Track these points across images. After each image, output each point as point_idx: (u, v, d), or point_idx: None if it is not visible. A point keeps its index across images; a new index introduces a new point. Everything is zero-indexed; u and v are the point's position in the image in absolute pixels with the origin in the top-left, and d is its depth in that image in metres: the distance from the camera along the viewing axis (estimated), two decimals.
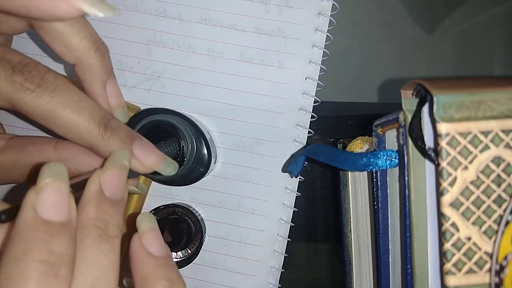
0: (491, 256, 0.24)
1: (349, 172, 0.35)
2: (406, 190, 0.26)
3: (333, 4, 0.37)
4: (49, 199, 0.20)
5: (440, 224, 0.24)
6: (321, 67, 0.38)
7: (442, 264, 0.24)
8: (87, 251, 0.21)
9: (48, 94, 0.25)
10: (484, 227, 0.23)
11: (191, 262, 0.36)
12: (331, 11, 0.37)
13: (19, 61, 0.25)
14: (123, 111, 0.30)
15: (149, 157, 0.28)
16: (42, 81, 0.25)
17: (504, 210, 0.24)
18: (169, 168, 0.30)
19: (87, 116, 0.26)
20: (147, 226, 0.24)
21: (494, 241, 0.24)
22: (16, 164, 0.28)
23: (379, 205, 0.29)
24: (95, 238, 0.22)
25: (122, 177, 0.25)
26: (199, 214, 0.38)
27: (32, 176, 0.29)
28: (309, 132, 0.38)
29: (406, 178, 0.26)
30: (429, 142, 0.24)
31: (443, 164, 0.23)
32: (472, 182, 0.23)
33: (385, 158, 0.27)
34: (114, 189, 0.24)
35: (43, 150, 0.29)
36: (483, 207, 0.23)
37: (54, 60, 0.37)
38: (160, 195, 0.38)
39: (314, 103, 0.38)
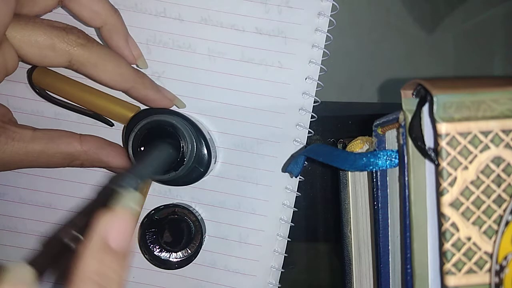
0: (491, 256, 0.23)
1: (349, 172, 0.35)
2: (406, 190, 0.25)
3: (333, 4, 0.37)
4: None
5: (440, 224, 0.24)
6: (321, 67, 0.38)
7: (442, 264, 0.24)
8: None
9: (95, 46, 0.32)
10: (484, 227, 0.23)
11: (191, 262, 0.36)
12: (331, 11, 0.37)
13: (66, 26, 0.32)
14: (143, 59, 0.37)
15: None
16: (89, 38, 0.32)
17: (504, 210, 0.24)
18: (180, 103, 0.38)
19: (125, 61, 0.33)
20: None
21: (494, 241, 0.23)
22: (44, 153, 0.32)
23: (379, 205, 0.29)
24: None
25: (131, 226, 0.23)
26: (199, 214, 0.38)
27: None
28: (309, 132, 0.38)
29: (406, 178, 0.25)
30: (429, 142, 0.24)
31: (443, 164, 0.23)
32: (472, 182, 0.23)
33: (385, 158, 0.27)
34: (120, 240, 0.22)
35: (70, 142, 0.33)
36: (483, 207, 0.23)
37: None
38: (160, 195, 0.38)
39: (314, 103, 0.38)
